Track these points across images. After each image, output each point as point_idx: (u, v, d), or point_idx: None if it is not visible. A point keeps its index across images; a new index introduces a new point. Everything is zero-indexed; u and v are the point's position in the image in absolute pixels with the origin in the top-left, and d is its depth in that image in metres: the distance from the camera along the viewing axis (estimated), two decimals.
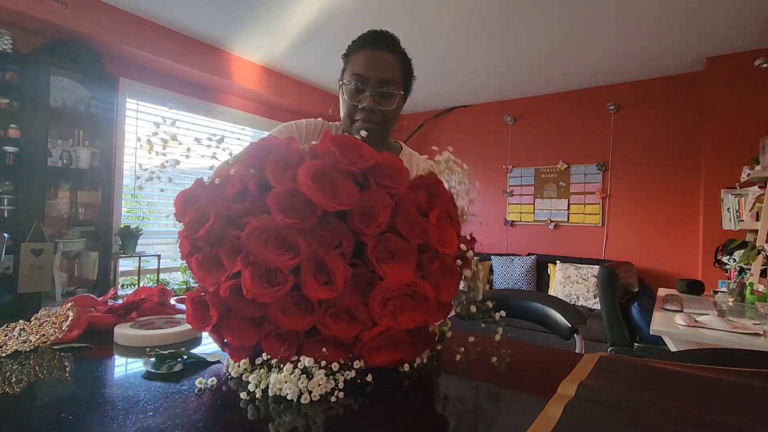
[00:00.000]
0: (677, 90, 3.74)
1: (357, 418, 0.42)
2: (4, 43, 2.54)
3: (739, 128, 3.16)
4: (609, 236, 4.06)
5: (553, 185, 4.37)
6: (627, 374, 0.52)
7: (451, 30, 3.11)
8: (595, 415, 0.40)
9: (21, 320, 0.62)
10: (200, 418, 0.40)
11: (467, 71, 3.91)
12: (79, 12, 2.72)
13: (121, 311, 0.72)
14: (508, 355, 0.60)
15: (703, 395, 0.46)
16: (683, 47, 3.23)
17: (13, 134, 2.60)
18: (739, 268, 2.48)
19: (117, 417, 0.39)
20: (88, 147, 2.91)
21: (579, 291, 3.70)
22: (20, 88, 2.61)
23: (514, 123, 4.61)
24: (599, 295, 2.32)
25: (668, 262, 3.74)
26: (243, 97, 4.11)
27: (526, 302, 1.08)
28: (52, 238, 2.68)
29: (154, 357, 0.53)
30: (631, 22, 2.88)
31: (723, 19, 2.79)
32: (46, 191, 2.75)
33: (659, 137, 3.82)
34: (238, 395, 0.44)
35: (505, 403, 0.48)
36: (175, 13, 2.99)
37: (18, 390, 0.46)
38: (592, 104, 4.14)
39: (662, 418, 0.39)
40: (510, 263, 4.22)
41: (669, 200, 3.76)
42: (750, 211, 2.67)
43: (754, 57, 3.11)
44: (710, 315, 1.89)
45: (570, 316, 0.96)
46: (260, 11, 2.92)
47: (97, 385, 0.49)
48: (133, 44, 3.00)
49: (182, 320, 0.71)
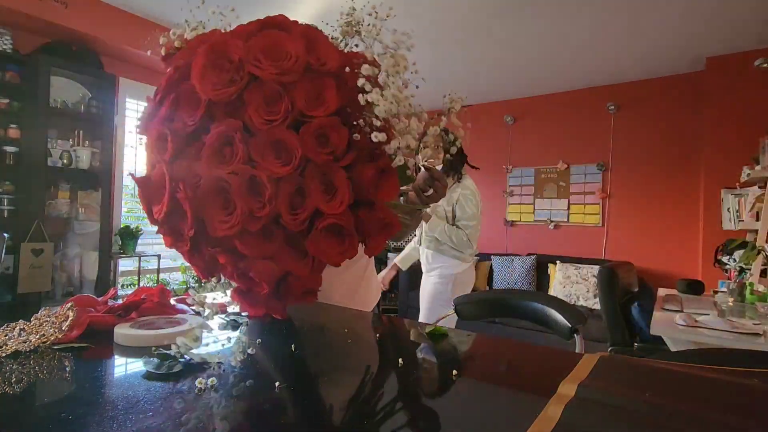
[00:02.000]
0: (677, 90, 3.74)
1: (357, 418, 0.42)
2: (4, 43, 2.54)
3: (739, 128, 3.16)
4: (609, 236, 4.06)
5: (553, 185, 4.37)
6: (627, 374, 0.52)
7: (450, 30, 3.11)
8: (595, 415, 0.40)
9: (21, 320, 0.62)
10: (200, 418, 0.40)
11: (467, 71, 3.91)
12: (79, 12, 2.72)
13: (121, 311, 0.72)
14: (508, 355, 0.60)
15: (703, 395, 0.46)
16: (683, 47, 3.23)
17: (13, 134, 2.61)
18: (739, 268, 2.48)
19: (117, 417, 0.39)
20: (88, 147, 2.92)
21: (579, 291, 3.70)
22: (20, 88, 2.62)
23: (514, 123, 4.61)
24: (599, 295, 2.32)
25: (668, 262, 3.74)
26: None
27: (526, 302, 1.08)
28: (52, 238, 2.69)
29: (156, 357, 0.53)
30: (632, 22, 2.88)
31: (723, 19, 2.79)
32: (46, 191, 2.75)
33: (659, 137, 3.82)
34: (239, 395, 0.44)
35: (505, 403, 0.48)
36: (175, 13, 2.99)
37: (18, 390, 0.46)
38: (592, 104, 4.14)
39: (662, 418, 0.39)
40: (510, 263, 4.22)
41: (669, 200, 3.76)
42: (750, 211, 2.67)
43: (754, 57, 3.11)
44: (710, 315, 1.89)
45: (570, 316, 0.96)
46: (260, 12, 2.92)
47: (97, 385, 0.49)
48: (133, 44, 3.00)
49: (182, 320, 0.71)
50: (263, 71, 0.51)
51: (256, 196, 0.50)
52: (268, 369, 0.55)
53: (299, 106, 0.52)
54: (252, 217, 0.49)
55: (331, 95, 0.53)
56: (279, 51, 0.53)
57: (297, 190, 0.51)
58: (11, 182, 2.62)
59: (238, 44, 0.52)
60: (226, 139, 0.50)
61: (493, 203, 4.71)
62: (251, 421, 0.41)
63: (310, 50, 0.54)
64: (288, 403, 0.44)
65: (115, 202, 3.18)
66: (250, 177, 0.50)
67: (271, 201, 0.49)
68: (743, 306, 2.12)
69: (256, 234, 0.50)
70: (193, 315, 0.74)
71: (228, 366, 0.53)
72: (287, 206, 0.50)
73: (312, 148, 0.51)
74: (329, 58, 0.55)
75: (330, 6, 2.82)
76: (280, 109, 0.51)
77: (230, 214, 0.50)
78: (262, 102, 0.51)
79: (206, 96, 0.51)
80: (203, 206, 0.51)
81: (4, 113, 2.58)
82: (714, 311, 2.01)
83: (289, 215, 0.50)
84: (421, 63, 0.64)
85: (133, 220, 3.41)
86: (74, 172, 2.89)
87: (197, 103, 0.52)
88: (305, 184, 0.51)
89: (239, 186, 0.49)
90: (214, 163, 0.50)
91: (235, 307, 0.81)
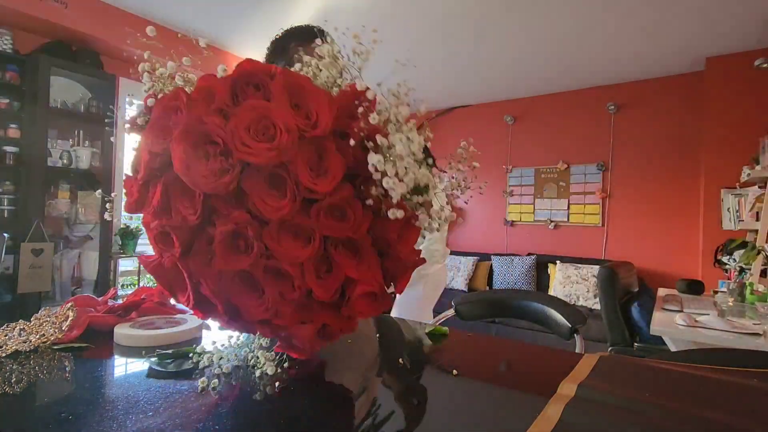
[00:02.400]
0: (677, 90, 3.74)
1: (357, 417, 0.42)
2: (4, 43, 2.54)
3: (739, 128, 3.16)
4: (609, 236, 4.06)
5: (553, 185, 4.37)
6: (627, 374, 0.52)
7: (450, 30, 3.11)
8: (595, 415, 0.40)
9: (21, 320, 0.62)
10: (200, 418, 0.40)
11: (467, 71, 3.91)
12: (79, 12, 2.72)
13: (121, 311, 0.72)
14: (508, 355, 0.60)
15: (703, 395, 0.46)
16: (683, 47, 3.23)
17: (13, 134, 2.60)
18: (739, 268, 2.48)
19: (117, 417, 0.39)
20: (88, 147, 2.92)
21: (579, 291, 3.70)
22: (20, 88, 2.61)
23: (514, 123, 4.61)
24: (599, 295, 2.32)
25: (668, 262, 3.74)
26: None
27: (526, 302, 1.08)
28: (52, 238, 2.68)
29: (156, 357, 0.53)
30: (632, 22, 2.88)
31: (723, 19, 2.79)
32: (46, 191, 2.75)
33: (659, 137, 3.82)
34: (239, 394, 0.44)
35: (505, 403, 0.48)
36: (175, 13, 2.99)
37: (18, 390, 0.46)
38: (592, 104, 4.14)
39: (662, 418, 0.39)
40: (510, 263, 4.22)
41: (669, 200, 3.76)
42: (750, 211, 2.67)
43: (754, 57, 3.11)
44: (710, 315, 1.89)
45: (570, 316, 0.96)
46: (260, 11, 2.92)
47: (97, 385, 0.49)
48: (133, 44, 3.00)
49: (182, 320, 0.71)
50: (257, 157, 0.44)
51: (284, 280, 0.46)
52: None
53: (305, 182, 0.46)
54: (284, 299, 0.46)
55: (334, 163, 0.47)
56: (266, 125, 0.45)
57: (322, 261, 0.48)
58: (11, 182, 2.62)
59: (218, 123, 0.45)
60: (236, 233, 0.46)
61: (493, 203, 4.71)
62: (251, 420, 0.41)
63: (297, 110, 0.48)
64: (288, 403, 0.44)
65: (115, 202, 3.18)
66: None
67: (300, 286, 0.46)
68: (743, 306, 2.12)
69: (291, 311, 0.47)
70: (193, 315, 0.74)
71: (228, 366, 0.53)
72: (316, 281, 0.47)
73: (329, 226, 0.47)
74: (321, 114, 0.47)
75: (330, 5, 2.82)
76: (286, 192, 0.46)
77: (261, 297, 0.46)
78: (264, 188, 0.46)
79: (199, 190, 0.46)
80: (231, 294, 0.47)
81: (4, 113, 2.58)
82: (714, 311, 2.01)
83: (320, 289, 0.47)
84: (421, 63, 0.63)
85: (134, 220, 3.41)
86: (74, 172, 2.89)
87: (191, 195, 0.47)
88: (331, 255, 0.48)
89: (262, 276, 0.46)
90: (230, 259, 0.46)
91: None
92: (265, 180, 0.46)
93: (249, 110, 0.46)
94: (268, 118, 0.45)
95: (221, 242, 0.45)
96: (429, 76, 3.99)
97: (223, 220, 0.46)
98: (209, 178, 0.44)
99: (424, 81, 4.11)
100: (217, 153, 0.45)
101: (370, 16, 2.92)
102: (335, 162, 0.47)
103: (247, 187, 0.45)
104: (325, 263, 0.48)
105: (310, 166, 0.47)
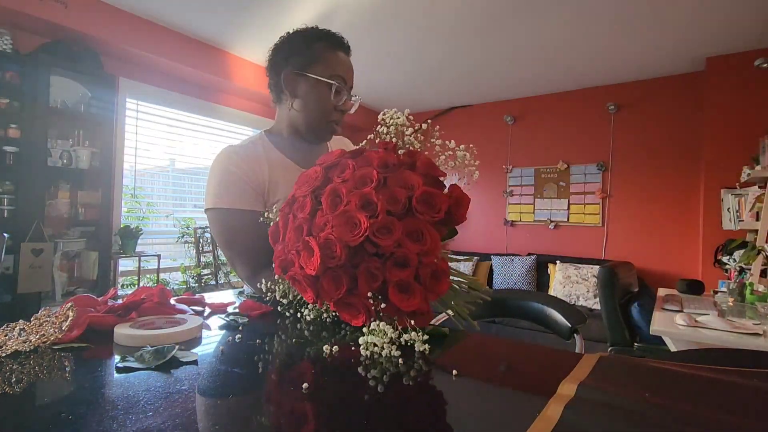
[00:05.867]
0: (677, 90, 3.74)
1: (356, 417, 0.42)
2: (4, 43, 2.54)
3: (739, 128, 3.16)
4: (609, 236, 4.06)
5: (553, 185, 4.37)
6: (627, 374, 0.52)
7: (450, 29, 3.11)
8: (595, 415, 0.40)
9: (21, 320, 0.62)
10: (201, 418, 0.40)
11: (467, 71, 3.91)
12: (79, 12, 2.72)
13: (121, 311, 0.72)
14: (508, 355, 0.60)
15: (703, 395, 0.46)
16: (683, 47, 3.23)
17: (13, 134, 2.60)
18: (739, 268, 2.48)
19: (117, 417, 0.39)
20: (88, 147, 2.92)
21: (579, 291, 3.70)
22: (20, 88, 2.61)
23: (514, 123, 4.62)
24: (599, 295, 2.32)
25: (668, 262, 3.74)
26: (243, 97, 4.11)
27: (525, 302, 1.08)
28: (52, 238, 2.69)
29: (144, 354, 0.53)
30: (632, 22, 2.88)
31: (723, 19, 2.79)
32: (46, 191, 2.75)
33: (659, 137, 3.82)
34: (239, 395, 0.44)
35: (505, 403, 0.48)
36: (175, 12, 2.99)
37: (18, 390, 0.46)
38: (592, 104, 4.14)
39: (662, 418, 0.39)
40: (510, 263, 4.22)
41: (669, 200, 3.76)
42: (750, 211, 2.67)
43: (754, 57, 3.11)
44: (710, 315, 1.89)
45: (570, 316, 0.96)
46: (260, 11, 2.92)
47: (97, 385, 0.49)
48: (133, 44, 3.00)
49: (182, 320, 0.71)
50: (409, 252, 0.57)
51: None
52: (267, 369, 0.55)
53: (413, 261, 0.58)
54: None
55: (431, 235, 0.59)
56: (417, 233, 0.58)
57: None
58: (11, 182, 2.62)
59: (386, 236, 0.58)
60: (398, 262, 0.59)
61: (493, 203, 4.72)
62: (252, 420, 0.41)
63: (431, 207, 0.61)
64: (288, 403, 0.44)
65: (115, 202, 3.18)
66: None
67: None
68: (743, 306, 2.12)
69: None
70: (193, 315, 0.74)
71: (228, 365, 0.53)
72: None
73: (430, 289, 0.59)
74: (444, 207, 0.61)
75: (330, 5, 2.82)
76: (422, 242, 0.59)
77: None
78: (408, 242, 0.59)
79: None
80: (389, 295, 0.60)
81: (4, 113, 2.57)
82: (714, 311, 2.01)
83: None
84: (421, 64, 0.64)
85: (133, 220, 3.41)
86: (74, 172, 2.89)
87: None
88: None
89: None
90: (394, 272, 0.58)
91: (235, 308, 0.81)
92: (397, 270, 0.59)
93: (409, 223, 0.61)
94: (418, 228, 0.61)
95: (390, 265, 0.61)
96: (429, 76, 4.00)
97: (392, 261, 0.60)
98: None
99: (425, 81, 4.11)
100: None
101: (369, 16, 2.92)
102: (429, 235, 0.61)
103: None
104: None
105: (414, 240, 0.61)
